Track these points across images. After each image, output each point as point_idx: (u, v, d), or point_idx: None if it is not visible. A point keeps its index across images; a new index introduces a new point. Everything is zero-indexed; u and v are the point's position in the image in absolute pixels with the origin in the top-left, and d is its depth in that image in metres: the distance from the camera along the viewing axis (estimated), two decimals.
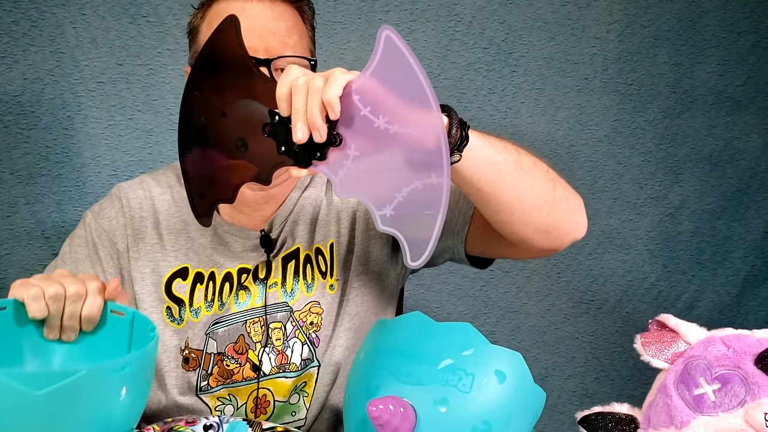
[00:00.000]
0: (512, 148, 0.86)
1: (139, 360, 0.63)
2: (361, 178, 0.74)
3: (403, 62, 0.68)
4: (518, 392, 0.80)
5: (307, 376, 1.04)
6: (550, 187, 0.89)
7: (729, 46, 1.99)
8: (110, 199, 1.08)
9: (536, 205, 0.88)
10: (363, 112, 0.72)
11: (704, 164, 2.03)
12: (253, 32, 0.97)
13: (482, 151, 0.81)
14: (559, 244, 0.94)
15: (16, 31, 1.65)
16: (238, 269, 1.04)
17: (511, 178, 0.84)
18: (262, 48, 0.97)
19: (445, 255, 1.08)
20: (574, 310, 2.01)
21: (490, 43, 1.87)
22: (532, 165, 0.87)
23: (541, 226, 0.90)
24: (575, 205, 0.93)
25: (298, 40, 1.01)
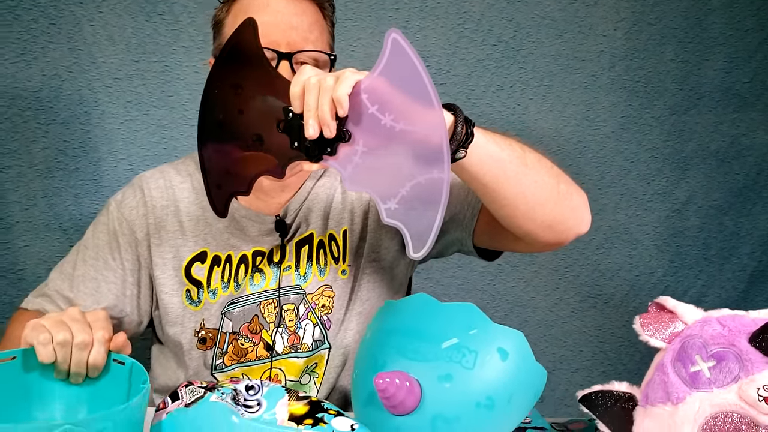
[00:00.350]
0: (517, 145, 0.90)
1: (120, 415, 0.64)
2: (368, 173, 0.78)
3: (409, 63, 0.72)
4: (520, 369, 0.83)
5: (318, 358, 1.08)
6: (554, 183, 0.92)
7: (736, 43, 2.01)
8: (132, 189, 1.12)
9: (540, 201, 0.91)
10: (371, 110, 0.75)
11: (711, 160, 2.05)
12: (276, 27, 1.01)
13: (487, 147, 0.84)
14: (563, 239, 0.97)
15: (35, 29, 1.70)
16: (253, 252, 1.07)
17: (515, 174, 0.87)
18: (285, 42, 1.01)
19: (454, 247, 1.11)
20: (581, 305, 2.03)
21: (498, 40, 1.90)
22: (536, 162, 0.91)
23: (545, 220, 0.93)
24: (579, 200, 0.97)
25: (319, 36, 1.05)
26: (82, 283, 1.07)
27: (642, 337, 0.87)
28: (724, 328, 0.82)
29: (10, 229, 1.75)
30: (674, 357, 0.83)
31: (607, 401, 0.87)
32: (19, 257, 1.76)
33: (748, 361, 0.78)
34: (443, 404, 0.80)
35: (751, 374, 0.77)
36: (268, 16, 1.00)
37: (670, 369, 0.82)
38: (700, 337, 0.82)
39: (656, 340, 0.86)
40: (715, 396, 0.78)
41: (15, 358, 0.76)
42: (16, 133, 1.72)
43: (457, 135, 0.80)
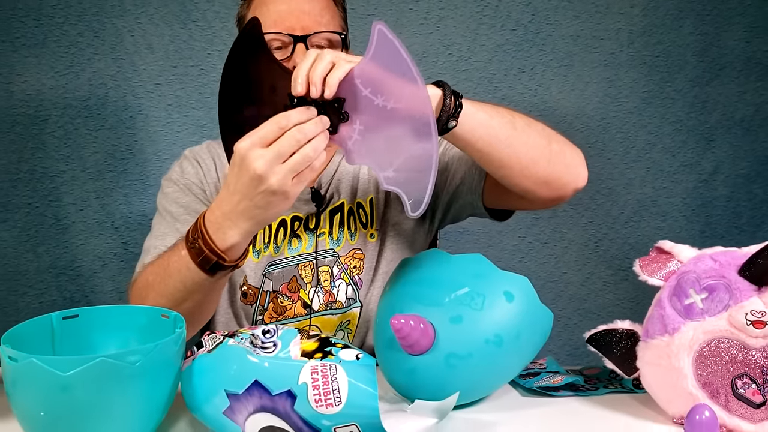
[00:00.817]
0: (506, 112, 0.98)
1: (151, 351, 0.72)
2: (366, 148, 0.87)
3: (394, 50, 0.81)
4: (526, 310, 0.90)
5: (351, 315, 1.18)
6: (545, 143, 1.00)
7: (755, 13, 2.03)
8: (187, 160, 1.23)
9: (533, 159, 0.99)
10: (364, 93, 0.84)
11: (736, 130, 2.07)
12: (291, 13, 1.11)
13: (476, 116, 0.93)
14: (562, 194, 1.05)
15: (81, 42, 1.84)
16: (291, 217, 1.18)
17: (506, 137, 0.96)
18: (299, 26, 1.10)
19: (467, 210, 1.19)
20: (613, 278, 2.08)
21: (517, 24, 1.96)
22: (525, 125, 0.99)
23: (540, 178, 1.01)
24: (573, 157, 1.04)
25: (330, 19, 1.14)
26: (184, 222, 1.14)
27: (641, 277, 0.93)
28: (716, 262, 0.88)
29: (67, 230, 1.89)
30: (671, 293, 0.89)
31: (611, 340, 0.93)
32: (76, 255, 1.90)
33: (737, 290, 0.84)
34: (455, 343, 0.87)
35: (740, 302, 0.83)
36: (283, 5, 1.11)
37: (667, 303, 0.88)
38: (694, 273, 0.88)
39: (654, 279, 0.92)
40: (707, 324, 0.84)
41: (78, 316, 0.86)
42: (68, 139, 1.85)
43: (447, 107, 0.89)
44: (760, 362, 0.82)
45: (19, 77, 1.82)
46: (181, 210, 1.16)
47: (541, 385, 0.98)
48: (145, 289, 1.01)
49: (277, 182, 0.82)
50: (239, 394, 0.72)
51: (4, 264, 1.87)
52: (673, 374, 0.86)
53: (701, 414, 0.80)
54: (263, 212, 0.86)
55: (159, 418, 0.78)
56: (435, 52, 1.95)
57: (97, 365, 0.69)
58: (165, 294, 0.97)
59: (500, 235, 2.03)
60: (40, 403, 0.70)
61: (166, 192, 1.20)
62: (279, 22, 1.10)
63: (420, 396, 0.87)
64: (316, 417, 0.70)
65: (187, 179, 1.20)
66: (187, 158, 1.24)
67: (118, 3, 1.83)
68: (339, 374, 0.71)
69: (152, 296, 0.99)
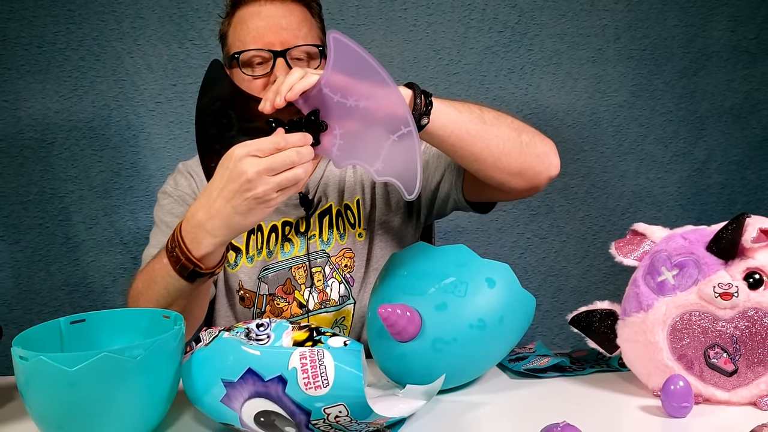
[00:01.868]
0: (475, 107, 1.03)
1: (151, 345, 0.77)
2: (350, 149, 0.92)
3: (353, 53, 0.86)
4: (507, 295, 0.95)
5: (345, 312, 1.22)
6: (514, 136, 1.05)
7: (738, 2, 2.06)
8: (181, 174, 1.30)
9: (504, 152, 1.04)
10: (336, 99, 0.89)
11: (726, 117, 2.10)
12: (269, 29, 1.16)
13: (447, 113, 0.98)
14: (536, 183, 1.09)
15: (83, 66, 1.90)
16: (282, 222, 1.23)
17: (477, 131, 1.01)
18: (278, 41, 1.15)
19: (450, 205, 1.23)
20: (612, 269, 2.11)
21: (504, 26, 2.01)
22: (494, 119, 1.04)
23: (512, 169, 1.06)
24: (544, 147, 1.09)
25: (308, 32, 1.19)
26: None
27: (617, 258, 0.97)
28: (686, 240, 0.92)
29: (78, 247, 1.95)
30: (645, 271, 0.93)
31: (592, 320, 0.97)
32: (87, 272, 1.96)
33: (706, 265, 0.88)
34: (441, 329, 0.92)
35: (708, 276, 0.87)
36: (261, 21, 1.16)
37: (641, 282, 0.93)
38: (666, 251, 0.92)
39: (629, 259, 0.96)
40: (678, 299, 0.89)
41: (84, 320, 0.92)
42: (75, 160, 1.92)
43: (418, 105, 0.94)
44: (730, 332, 0.86)
45: (25, 103, 1.89)
46: (175, 220, 1.21)
47: (528, 367, 1.02)
48: (136, 295, 1.06)
49: (263, 191, 0.87)
50: (234, 382, 0.77)
51: (19, 284, 1.94)
52: (650, 348, 0.90)
53: (675, 384, 0.84)
54: (242, 219, 0.89)
55: (162, 411, 0.83)
56: (425, 57, 2.00)
57: (100, 360, 0.74)
58: (152, 300, 1.01)
59: (499, 233, 2.08)
60: (50, 398, 0.76)
61: (161, 204, 1.26)
62: (258, 39, 1.15)
63: (410, 380, 0.92)
64: (307, 399, 0.75)
65: (180, 191, 1.26)
66: (180, 171, 1.30)
67: (116, 26, 1.90)
68: (326, 358, 0.75)
69: (142, 301, 1.03)
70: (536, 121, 2.03)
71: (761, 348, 0.85)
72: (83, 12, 1.89)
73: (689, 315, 0.88)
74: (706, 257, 0.89)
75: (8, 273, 1.93)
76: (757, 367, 0.86)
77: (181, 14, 1.91)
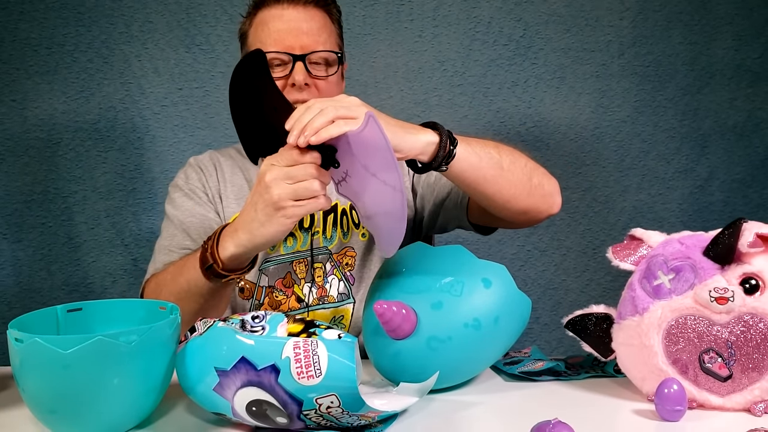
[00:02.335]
0: (494, 151, 1.05)
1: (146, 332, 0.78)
2: (349, 191, 0.95)
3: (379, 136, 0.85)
4: (503, 296, 0.95)
5: (344, 311, 1.23)
6: (526, 180, 1.08)
7: (742, 22, 2.08)
8: (191, 167, 1.32)
9: (514, 195, 1.07)
10: (353, 152, 0.90)
11: (729, 135, 2.11)
12: (290, 33, 1.19)
13: (467, 159, 1.00)
14: (537, 220, 1.15)
15: (90, 68, 1.92)
16: None
17: (493, 177, 1.04)
18: (298, 45, 1.18)
19: (453, 222, 1.25)
20: (612, 284, 2.10)
21: (509, 39, 2.03)
22: (510, 164, 1.06)
23: (519, 209, 1.10)
24: (550, 188, 1.13)
25: (327, 38, 1.22)
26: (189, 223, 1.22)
27: (614, 263, 0.97)
28: (683, 245, 0.92)
29: (79, 248, 1.96)
30: (641, 275, 0.93)
31: (587, 324, 0.97)
32: (88, 272, 1.96)
33: (702, 269, 0.88)
34: (436, 327, 0.92)
35: (704, 280, 0.87)
36: (283, 24, 1.18)
37: (637, 285, 0.93)
38: (662, 255, 0.92)
39: (626, 264, 0.96)
40: (674, 302, 0.89)
41: (81, 309, 0.92)
42: (80, 161, 1.93)
43: (439, 157, 0.96)
44: (725, 337, 0.86)
45: (33, 103, 1.91)
46: (186, 213, 1.23)
47: (523, 370, 1.02)
48: (158, 285, 1.10)
49: (278, 195, 0.89)
50: (227, 370, 0.77)
51: (19, 282, 1.94)
52: (645, 352, 0.90)
53: (669, 387, 0.84)
54: (260, 227, 0.92)
55: (155, 399, 0.83)
56: (430, 68, 2.01)
57: (95, 344, 0.74)
58: (173, 291, 1.05)
59: (499, 244, 2.08)
60: (44, 381, 0.76)
61: (172, 197, 1.28)
62: (279, 42, 1.17)
63: (404, 378, 0.92)
64: (299, 389, 0.75)
65: (191, 185, 1.27)
66: (191, 165, 1.32)
67: (125, 30, 1.92)
68: (320, 348, 0.75)
69: (164, 293, 1.07)
70: (539, 134, 2.05)
71: (756, 353, 0.85)
72: (93, 15, 1.91)
73: (684, 319, 0.88)
74: (703, 262, 0.89)
75: (9, 271, 1.94)
76: (751, 372, 0.86)
77: (189, 19, 1.93)
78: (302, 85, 1.17)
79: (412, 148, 0.94)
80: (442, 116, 2.02)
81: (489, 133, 2.04)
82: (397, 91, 2.01)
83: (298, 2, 1.20)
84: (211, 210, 1.26)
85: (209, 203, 1.27)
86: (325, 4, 1.24)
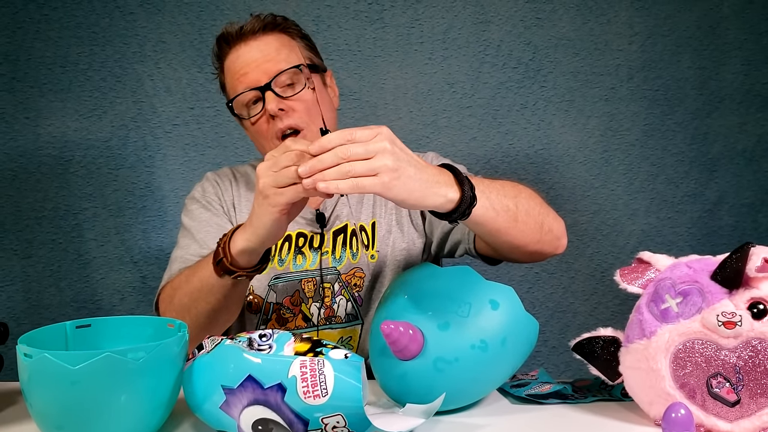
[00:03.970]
0: (512, 203, 1.03)
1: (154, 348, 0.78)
2: None
3: None
4: (510, 318, 0.95)
5: (353, 332, 1.24)
6: (538, 227, 1.09)
7: (752, 47, 2.09)
8: (208, 181, 1.35)
9: (525, 242, 1.08)
10: None
11: (739, 160, 2.11)
12: (249, 66, 1.19)
13: (484, 215, 0.99)
14: (543, 259, 1.17)
15: (103, 87, 1.95)
16: (296, 233, 1.27)
17: (505, 229, 1.04)
18: (262, 74, 1.17)
19: (460, 249, 1.26)
20: (621, 308, 2.10)
21: (518, 63, 2.04)
22: (525, 215, 1.06)
23: (528, 251, 1.11)
24: (558, 231, 1.14)
25: (288, 54, 1.20)
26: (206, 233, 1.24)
27: (621, 286, 0.97)
28: (691, 269, 0.92)
29: (88, 264, 1.97)
30: (649, 299, 0.93)
31: (594, 347, 0.97)
32: (96, 289, 1.97)
33: (710, 293, 0.88)
34: (443, 348, 0.92)
35: (712, 304, 0.87)
36: (241, 63, 1.19)
37: (645, 309, 0.93)
38: (670, 279, 0.92)
39: (633, 287, 0.96)
40: (681, 326, 0.88)
41: (90, 325, 0.93)
42: (91, 178, 1.95)
43: (454, 215, 0.93)
44: (733, 362, 0.86)
45: (46, 120, 1.93)
46: (202, 224, 1.25)
47: (530, 393, 1.02)
48: (173, 290, 1.11)
49: (263, 184, 0.90)
50: (234, 388, 0.77)
51: (29, 298, 1.95)
52: (652, 376, 0.89)
53: (677, 412, 0.83)
54: (257, 219, 0.93)
55: (161, 416, 0.83)
56: (440, 90, 2.03)
57: (103, 360, 0.75)
58: (187, 292, 1.06)
59: (507, 266, 2.06)
60: (52, 397, 0.76)
61: (189, 209, 1.30)
62: (244, 80, 1.18)
63: (411, 399, 0.91)
64: (305, 408, 0.75)
65: (207, 197, 1.30)
66: (208, 179, 1.35)
67: (138, 49, 1.94)
68: (326, 368, 0.76)
69: (178, 295, 1.09)
70: (547, 157, 2.06)
71: (765, 378, 0.85)
72: (107, 34, 1.94)
73: (692, 343, 0.88)
74: (711, 286, 0.88)
75: (19, 287, 1.95)
76: (760, 398, 0.85)
77: (202, 39, 1.95)
78: (278, 112, 1.16)
79: (431, 205, 0.91)
80: (450, 138, 2.03)
81: (497, 156, 2.04)
82: (406, 113, 2.02)
83: (246, 36, 1.20)
84: (227, 221, 1.28)
85: (225, 214, 1.29)
86: (273, 26, 1.22)
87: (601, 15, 2.04)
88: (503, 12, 2.02)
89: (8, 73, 1.92)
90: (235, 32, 1.21)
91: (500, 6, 2.02)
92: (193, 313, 1.06)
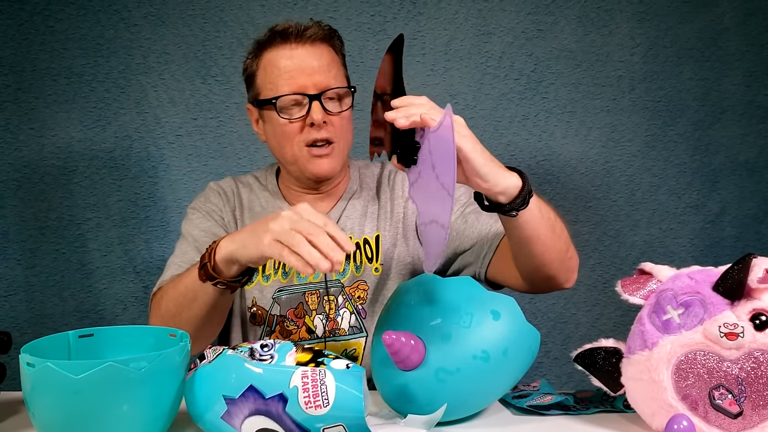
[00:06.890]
0: (553, 215, 1.08)
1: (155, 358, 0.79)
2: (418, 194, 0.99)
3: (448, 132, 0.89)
4: (512, 328, 0.95)
5: (357, 344, 1.24)
6: (565, 249, 1.12)
7: (753, 58, 2.09)
8: (212, 191, 1.36)
9: (552, 260, 1.10)
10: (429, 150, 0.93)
11: (741, 171, 2.11)
12: (301, 71, 1.20)
13: (535, 214, 1.03)
14: (548, 290, 1.19)
15: (108, 98, 1.96)
16: None
17: (545, 237, 1.07)
18: (311, 84, 1.20)
19: (468, 271, 1.27)
20: (623, 319, 2.07)
21: (520, 74, 2.05)
22: (561, 230, 1.10)
23: (547, 275, 1.13)
24: (574, 264, 1.17)
25: (337, 72, 1.24)
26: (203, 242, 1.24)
27: (623, 296, 0.97)
28: (692, 280, 0.92)
29: (91, 274, 1.97)
30: (650, 310, 0.93)
31: (596, 358, 0.97)
32: (99, 299, 1.98)
33: (711, 305, 0.88)
34: (444, 358, 0.92)
35: (714, 315, 0.87)
36: (293, 64, 1.20)
37: (647, 320, 0.93)
38: (672, 290, 0.92)
39: (635, 298, 0.96)
40: (683, 337, 0.88)
41: (93, 335, 0.94)
42: (94, 188, 1.96)
43: (516, 202, 0.98)
44: (735, 373, 0.86)
45: (50, 131, 1.94)
46: (202, 233, 1.26)
47: (531, 404, 1.02)
48: (162, 294, 1.13)
49: (279, 229, 0.91)
50: (236, 398, 0.77)
51: (32, 308, 1.96)
52: (654, 387, 0.89)
53: (679, 424, 0.83)
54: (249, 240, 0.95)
55: (164, 425, 0.84)
56: (442, 102, 1.99)
57: (105, 369, 0.75)
58: (172, 298, 1.08)
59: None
60: (55, 406, 0.77)
61: (190, 218, 1.31)
62: (291, 83, 1.19)
63: (412, 410, 0.92)
64: (306, 418, 0.75)
65: (209, 207, 1.31)
66: (211, 189, 1.36)
67: (143, 61, 1.95)
68: (327, 378, 0.76)
69: (164, 301, 1.10)
70: (549, 168, 2.06)
71: (767, 390, 0.85)
72: (111, 46, 1.95)
73: (694, 354, 0.88)
74: (712, 297, 0.89)
75: (22, 297, 1.95)
76: (762, 410, 0.85)
77: (206, 51, 1.96)
78: (321, 124, 1.19)
79: (498, 184, 0.97)
80: None
81: None
82: None
83: (306, 39, 1.21)
84: (225, 231, 1.29)
85: (224, 225, 1.30)
86: (330, 37, 1.25)
87: (603, 26, 2.05)
88: (505, 24, 2.03)
89: (14, 83, 1.93)
90: (297, 31, 1.22)
91: (502, 18, 2.03)
92: (177, 321, 1.07)
